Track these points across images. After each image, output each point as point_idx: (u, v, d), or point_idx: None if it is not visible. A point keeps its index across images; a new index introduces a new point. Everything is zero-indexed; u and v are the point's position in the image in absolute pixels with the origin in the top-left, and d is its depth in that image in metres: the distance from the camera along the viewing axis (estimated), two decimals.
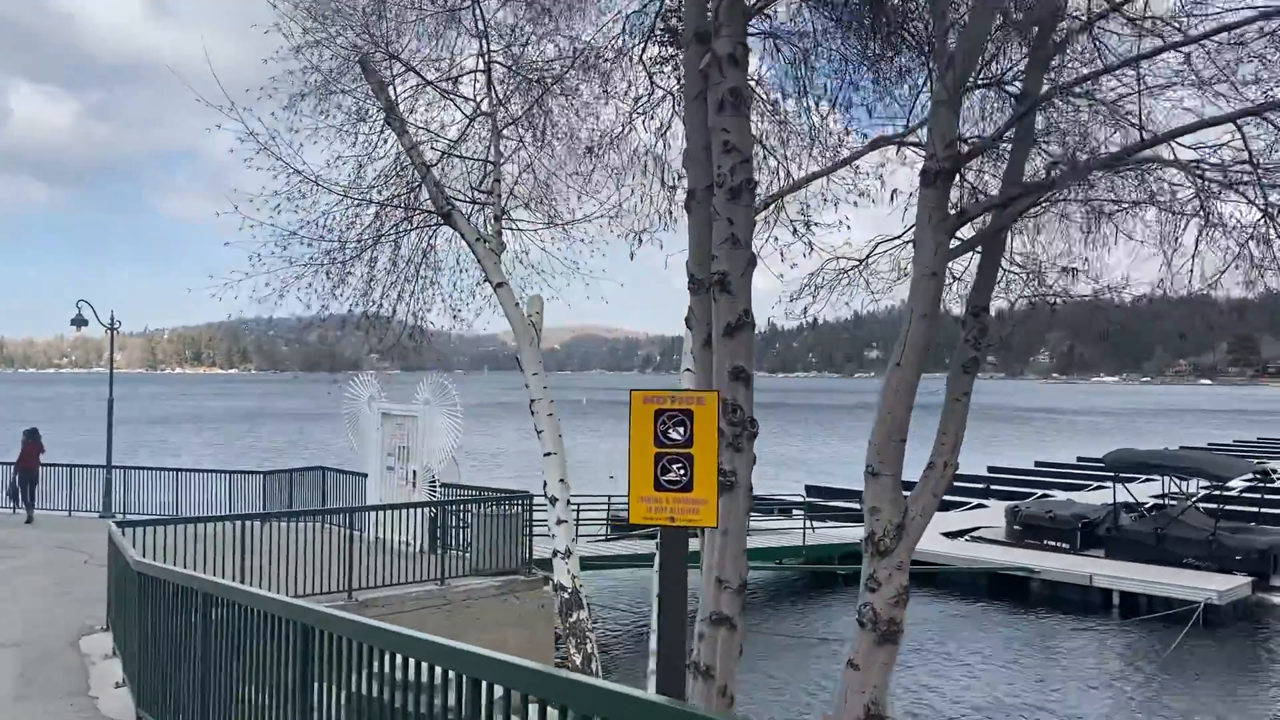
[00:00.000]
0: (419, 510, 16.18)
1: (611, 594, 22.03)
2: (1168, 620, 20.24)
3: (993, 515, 30.20)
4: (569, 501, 9.02)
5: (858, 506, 26.85)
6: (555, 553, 8.88)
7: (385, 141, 9.57)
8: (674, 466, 4.28)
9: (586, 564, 20.48)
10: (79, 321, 23.24)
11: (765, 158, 8.34)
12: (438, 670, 3.59)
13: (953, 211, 5.92)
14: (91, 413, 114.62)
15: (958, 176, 6.17)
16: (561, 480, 8.78)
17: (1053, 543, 24.45)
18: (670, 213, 8.90)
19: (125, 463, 25.20)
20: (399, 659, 3.83)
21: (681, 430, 4.23)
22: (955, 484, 36.32)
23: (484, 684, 3.32)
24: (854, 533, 25.51)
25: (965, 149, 6.10)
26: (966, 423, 6.22)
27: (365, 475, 19.00)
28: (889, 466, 5.81)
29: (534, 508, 15.77)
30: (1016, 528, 25.36)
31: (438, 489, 17.48)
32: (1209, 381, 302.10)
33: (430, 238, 9.84)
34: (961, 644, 19.61)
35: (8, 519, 22.65)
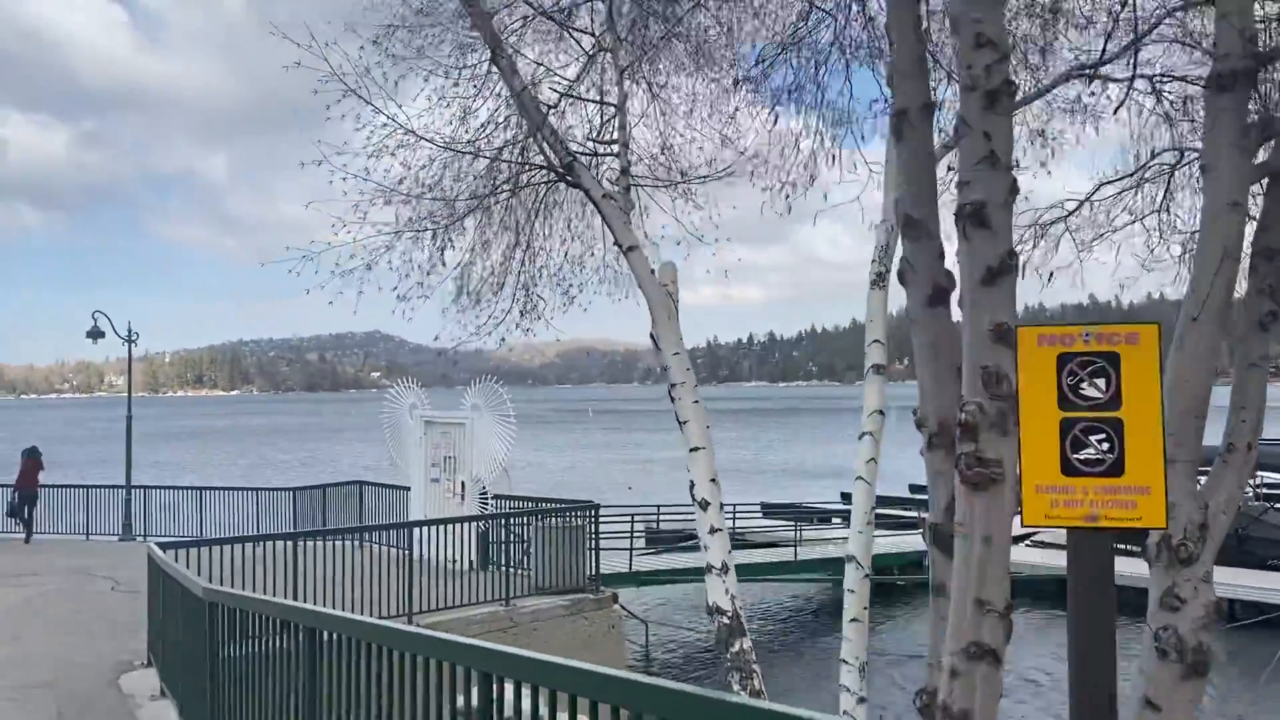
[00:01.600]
0: (470, 524, 14.93)
1: (666, 612, 20.70)
2: (1265, 626, 18.93)
3: None
4: (722, 506, 7.70)
5: (907, 514, 25.31)
6: (710, 568, 7.57)
7: (492, 85, 8.26)
8: (1092, 438, 3.02)
9: (633, 580, 19.19)
10: (95, 334, 22.02)
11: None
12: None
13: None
14: (101, 433, 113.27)
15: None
16: (713, 480, 7.46)
17: (1123, 546, 23.04)
18: (834, 156, 7.72)
19: (141, 482, 23.89)
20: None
21: (1103, 384, 2.96)
22: None
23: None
24: (911, 540, 24.25)
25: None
26: (1267, 396, 4.98)
27: (408, 489, 17.70)
28: (1186, 451, 4.55)
29: (599, 519, 14.54)
30: None
31: (489, 501, 16.19)
32: None
33: (542, 197, 8.47)
34: (1051, 656, 18.29)
35: (7, 543, 21.37)
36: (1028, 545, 25.06)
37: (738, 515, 26.47)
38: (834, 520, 28.58)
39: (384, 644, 4.18)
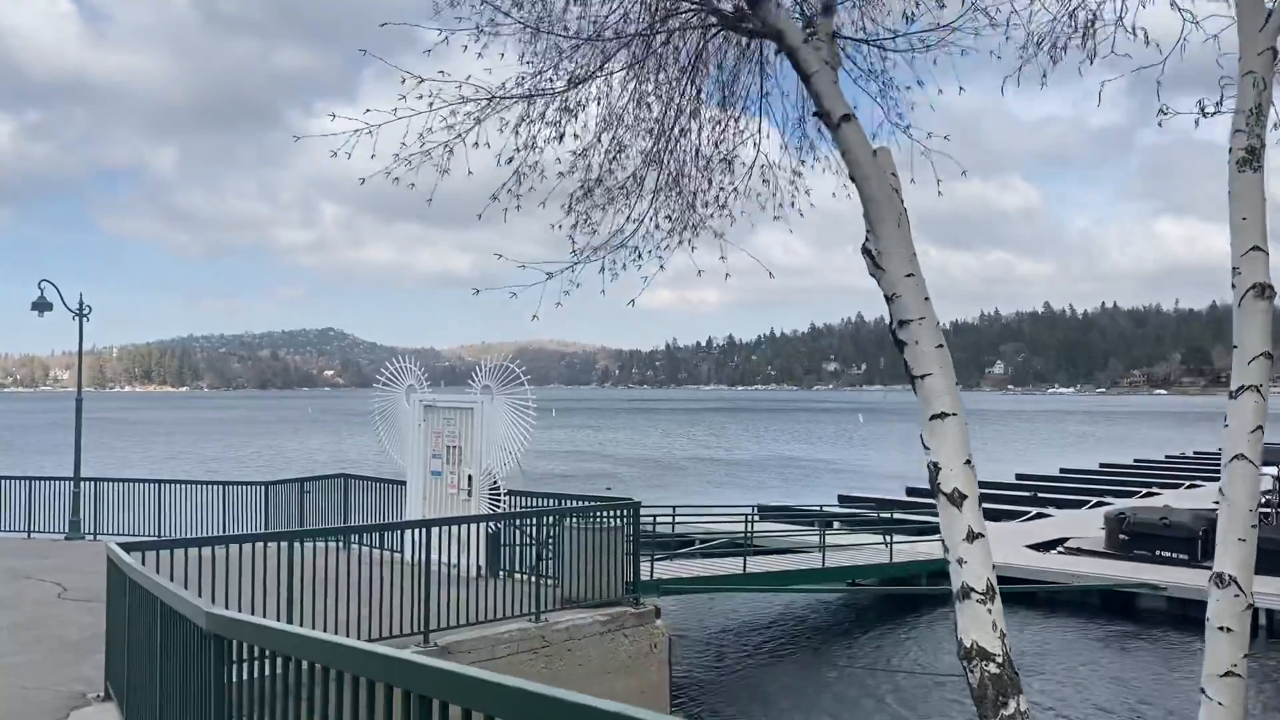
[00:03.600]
0: (476, 525, 12.88)
1: (702, 626, 18.67)
2: None
3: (1070, 524, 27.38)
4: (980, 501, 5.51)
5: (915, 518, 23.30)
6: (966, 592, 5.48)
7: None
8: None
9: (653, 589, 17.14)
10: (42, 305, 19.56)
11: None
12: None
13: None
14: (44, 424, 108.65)
15: None
16: (967, 462, 5.38)
17: (1168, 553, 21.51)
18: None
19: (89, 474, 21.42)
20: None
21: None
22: (995, 491, 33.29)
23: None
24: (935, 548, 22.44)
25: None
26: None
27: (402, 483, 15.55)
28: None
29: (639, 519, 12.52)
30: (1123, 537, 22.39)
31: (501, 498, 14.10)
32: (1163, 391, 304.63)
33: (698, 48, 6.21)
34: (1095, 674, 16.55)
35: None
36: (1060, 552, 23.48)
37: (731, 518, 24.59)
38: (834, 525, 26.71)
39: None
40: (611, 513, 12.11)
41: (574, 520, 11.88)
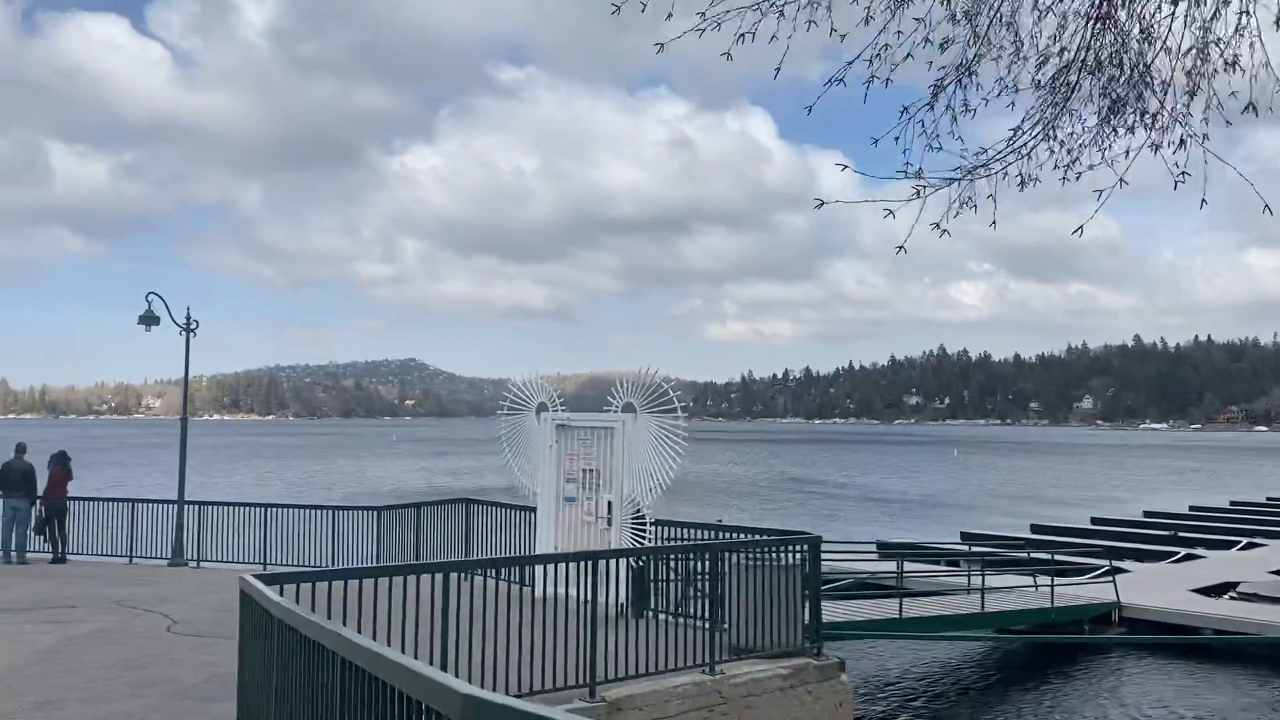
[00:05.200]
0: (626, 560, 11.43)
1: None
2: None
3: (1230, 566, 24.87)
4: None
5: (1076, 561, 20.82)
6: None
7: None
8: None
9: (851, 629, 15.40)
10: (149, 319, 18.77)
11: None
12: None
13: None
14: (139, 448, 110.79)
15: None
16: None
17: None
18: None
19: (196, 498, 20.51)
20: None
21: None
22: (1129, 530, 30.56)
23: None
24: (1098, 591, 20.34)
25: None
26: None
27: (532, 509, 14.17)
28: None
29: (819, 556, 10.90)
30: None
31: (648, 529, 12.61)
32: (1264, 428, 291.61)
33: None
34: None
35: (35, 565, 18.07)
36: (1232, 597, 21.14)
37: (852, 554, 22.73)
38: (960, 564, 24.59)
39: None
40: (788, 549, 10.52)
41: (743, 557, 10.31)
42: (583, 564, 9.07)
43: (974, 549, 24.52)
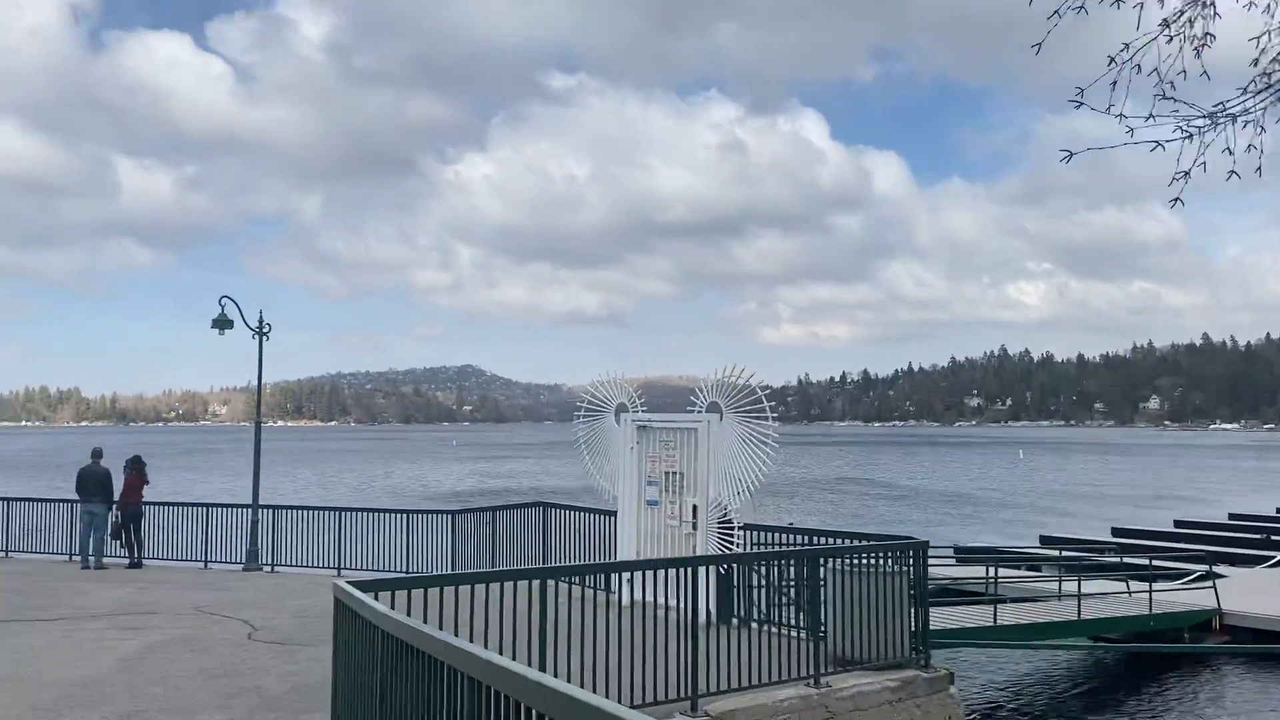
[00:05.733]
0: (709, 566, 10.94)
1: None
2: None
3: None
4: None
5: (1173, 566, 19.72)
6: None
7: None
8: None
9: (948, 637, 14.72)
10: (222, 323, 18.75)
11: None
12: None
13: None
14: (207, 453, 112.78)
15: None
16: None
17: None
18: None
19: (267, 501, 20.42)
20: None
21: None
22: (1217, 533, 29.17)
23: None
24: (1197, 597, 19.37)
25: None
26: None
27: (611, 513, 13.77)
28: None
29: (927, 561, 10.34)
30: None
31: (736, 534, 12.13)
32: None
33: None
34: None
35: (112, 570, 18.08)
36: None
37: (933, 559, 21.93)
38: (1039, 568, 23.64)
39: None
40: (890, 554, 9.98)
41: (844, 562, 9.79)
42: (681, 571, 8.62)
43: (1062, 553, 23.60)
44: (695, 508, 12.59)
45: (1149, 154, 5.00)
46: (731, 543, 12.19)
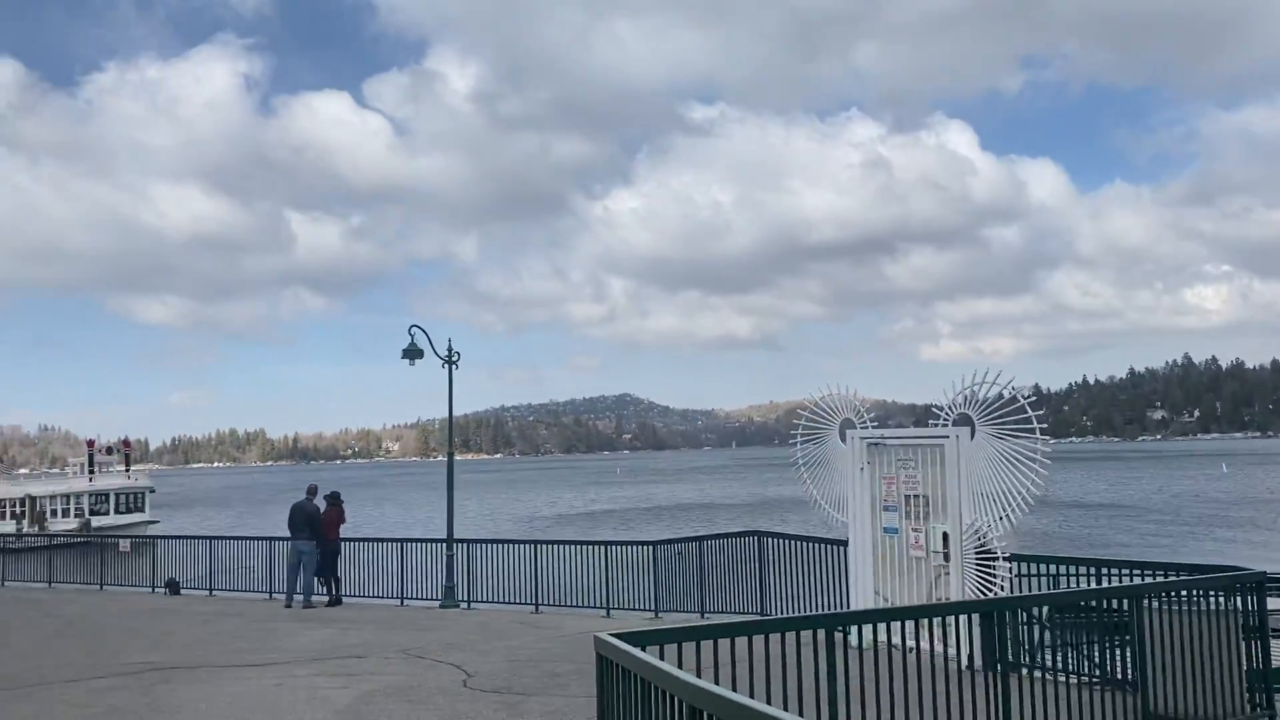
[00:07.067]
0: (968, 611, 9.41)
1: None
2: None
3: None
4: None
5: None
6: None
7: None
8: None
9: None
10: (412, 353, 18.42)
11: None
12: None
13: None
14: (387, 486, 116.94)
15: None
16: None
17: None
18: None
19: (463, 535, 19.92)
20: None
21: None
22: None
23: None
24: None
25: None
26: None
27: (841, 543, 12.39)
28: None
29: (1263, 596, 8.54)
30: None
31: (1002, 567, 10.55)
32: None
33: None
34: None
35: (316, 610, 17.75)
36: None
37: None
38: None
39: None
40: (1218, 589, 8.26)
41: (1162, 601, 8.12)
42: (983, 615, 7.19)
43: None
44: (946, 536, 11.07)
45: None
46: (993, 578, 10.61)
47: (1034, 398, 10.54)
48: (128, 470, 66.16)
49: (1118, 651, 8.70)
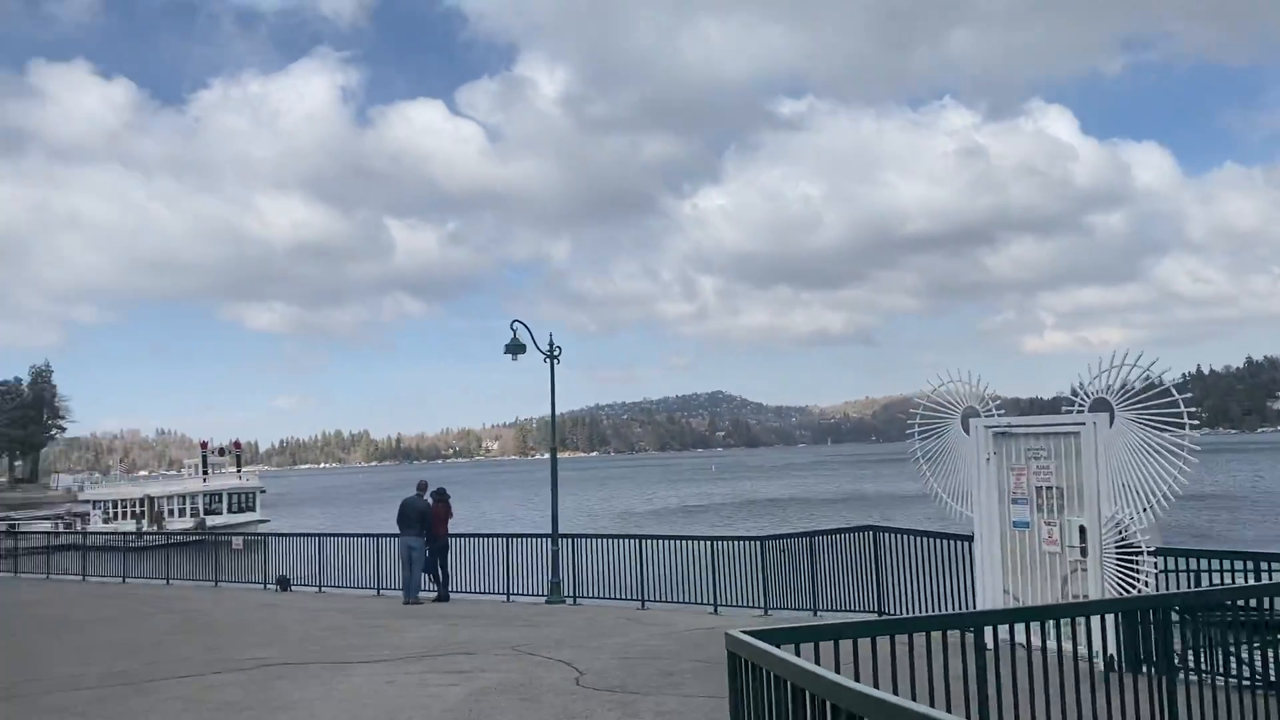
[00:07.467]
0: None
1: None
2: None
3: None
4: None
5: None
6: None
7: None
8: None
9: None
10: (515, 348, 18.35)
11: None
12: None
13: None
14: (488, 484, 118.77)
15: None
16: None
17: None
18: None
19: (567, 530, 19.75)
20: None
21: None
22: None
23: None
24: None
25: None
26: None
27: (966, 538, 11.76)
28: None
29: None
30: None
31: (1146, 562, 9.83)
32: None
33: None
34: None
35: (425, 606, 17.74)
36: None
37: None
38: None
39: None
40: None
41: None
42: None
43: None
44: (1083, 529, 10.37)
45: None
46: (1136, 573, 9.89)
47: (1182, 381, 9.78)
48: (239, 471, 68.30)
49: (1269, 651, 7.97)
